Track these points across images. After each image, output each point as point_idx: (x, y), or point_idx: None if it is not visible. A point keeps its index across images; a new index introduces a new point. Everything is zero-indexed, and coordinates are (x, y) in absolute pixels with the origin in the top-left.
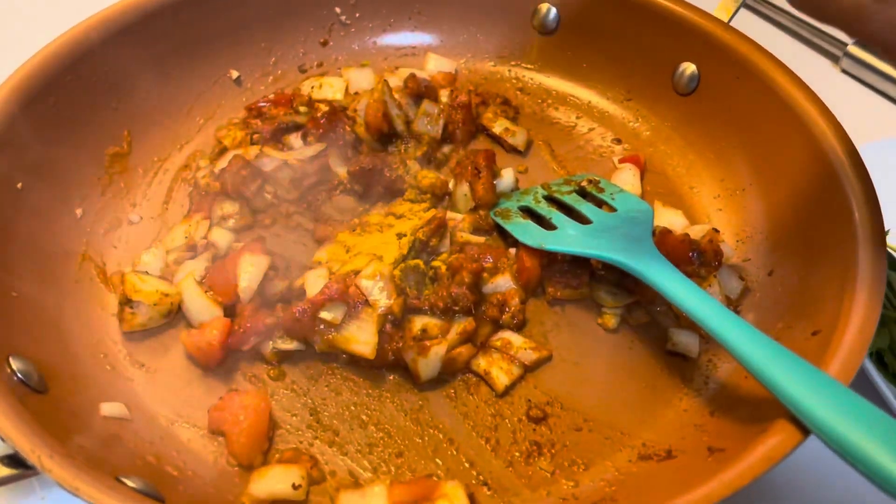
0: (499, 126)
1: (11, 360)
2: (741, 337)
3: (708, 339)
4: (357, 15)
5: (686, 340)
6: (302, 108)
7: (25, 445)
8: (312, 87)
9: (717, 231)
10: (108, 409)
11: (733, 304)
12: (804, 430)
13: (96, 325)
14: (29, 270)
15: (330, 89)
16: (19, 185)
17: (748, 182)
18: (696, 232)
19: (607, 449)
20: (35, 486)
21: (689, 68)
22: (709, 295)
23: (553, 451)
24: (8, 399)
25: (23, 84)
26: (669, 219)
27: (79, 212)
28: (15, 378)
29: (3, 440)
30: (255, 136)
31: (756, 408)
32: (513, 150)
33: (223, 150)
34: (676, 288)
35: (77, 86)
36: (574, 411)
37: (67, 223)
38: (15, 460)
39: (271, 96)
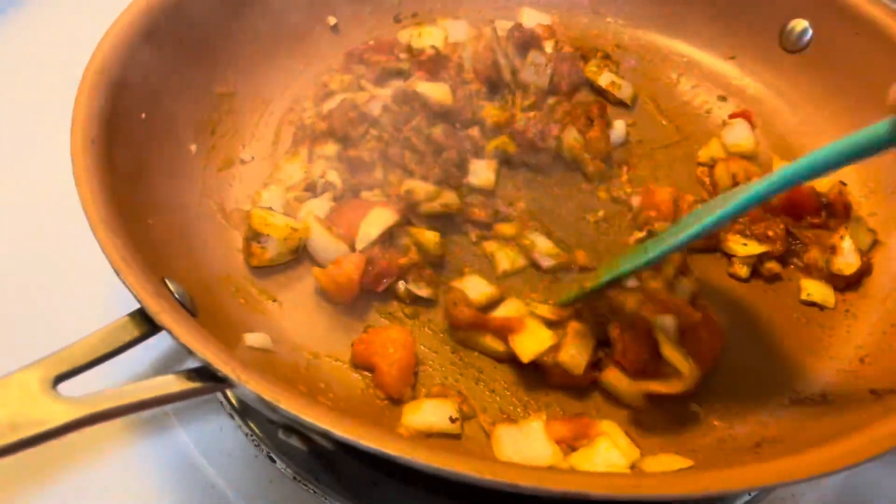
0: (604, 79)
1: (168, 283)
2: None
3: (844, 292)
4: None
5: (820, 290)
6: (402, 56)
7: (216, 358)
8: (412, 36)
9: (843, 184)
10: (253, 339)
11: (865, 256)
12: None
13: (222, 260)
14: (157, 202)
15: (430, 38)
16: (143, 116)
17: None
18: (822, 185)
19: (758, 394)
20: (174, 421)
21: (799, 24)
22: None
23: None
24: (182, 314)
25: (136, 21)
26: None
27: (193, 148)
28: (175, 298)
29: (191, 353)
30: (362, 82)
31: None
32: (619, 103)
33: (329, 94)
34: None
35: (183, 25)
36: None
37: (184, 158)
38: (202, 374)
39: (370, 43)
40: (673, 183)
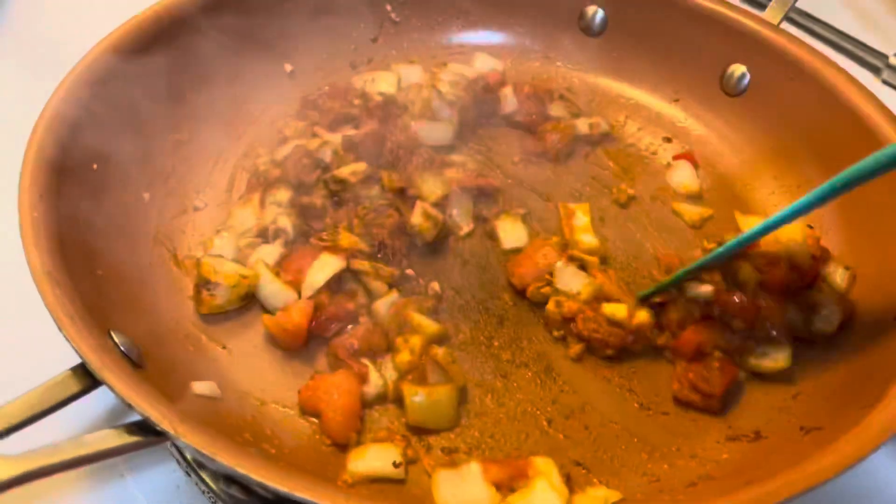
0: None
1: (113, 335)
2: None
3: None
4: (406, 13)
5: None
6: (356, 101)
7: (155, 412)
8: (365, 82)
9: (811, 227)
10: (200, 387)
11: (847, 292)
12: None
13: (174, 308)
14: (108, 252)
15: (384, 83)
16: (95, 167)
17: (806, 179)
18: (786, 234)
19: (694, 431)
20: (121, 468)
21: (738, 70)
22: None
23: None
24: (124, 369)
25: (88, 75)
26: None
27: (146, 196)
28: (119, 351)
29: (131, 408)
30: (315, 128)
31: (848, 388)
32: None
33: (283, 140)
34: None
35: (139, 77)
36: (658, 398)
37: (137, 207)
38: (142, 428)
39: (326, 89)
40: None
